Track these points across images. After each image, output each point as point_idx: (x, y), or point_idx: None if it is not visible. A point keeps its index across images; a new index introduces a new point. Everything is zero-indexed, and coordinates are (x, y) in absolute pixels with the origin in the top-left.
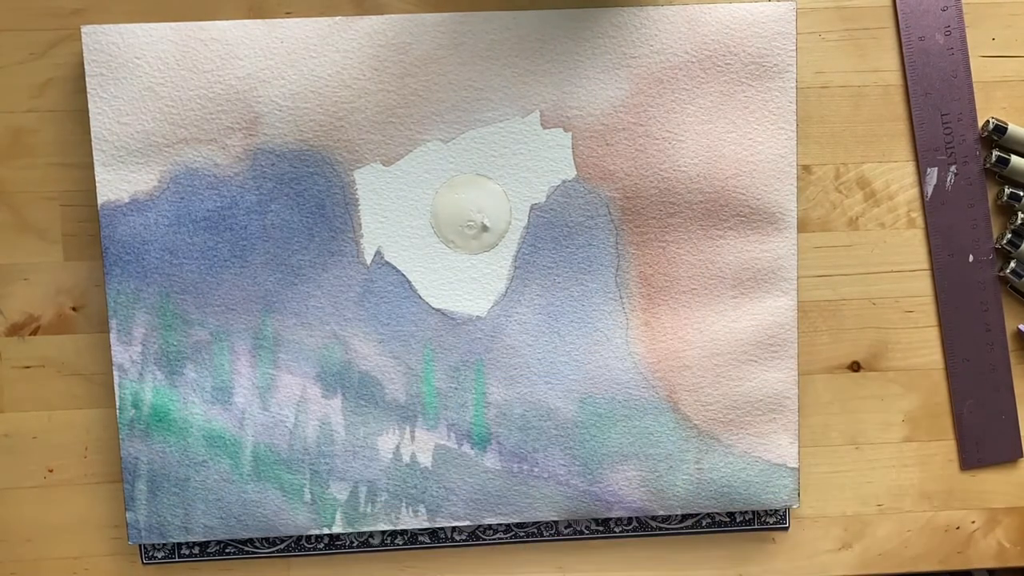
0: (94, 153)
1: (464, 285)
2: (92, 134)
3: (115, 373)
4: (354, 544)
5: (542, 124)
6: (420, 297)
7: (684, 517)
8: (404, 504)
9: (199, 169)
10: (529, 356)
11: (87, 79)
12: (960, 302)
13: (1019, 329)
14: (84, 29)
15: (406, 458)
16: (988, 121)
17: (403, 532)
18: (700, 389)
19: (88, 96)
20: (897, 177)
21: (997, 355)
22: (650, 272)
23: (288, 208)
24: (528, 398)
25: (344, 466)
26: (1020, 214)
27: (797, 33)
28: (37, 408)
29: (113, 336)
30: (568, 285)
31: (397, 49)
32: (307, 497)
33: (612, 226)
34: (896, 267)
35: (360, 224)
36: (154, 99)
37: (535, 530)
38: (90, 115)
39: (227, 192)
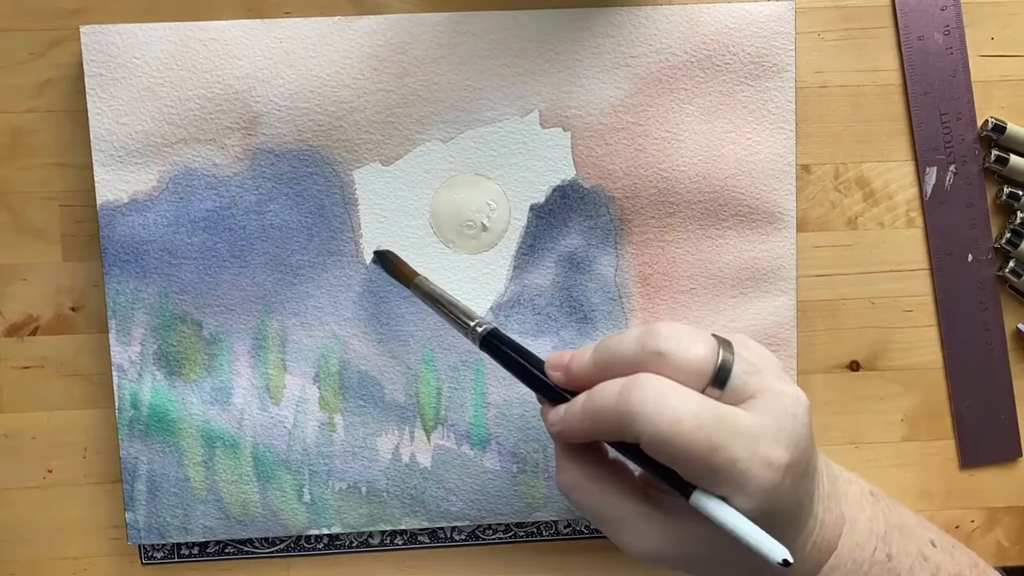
0: (93, 153)
1: (463, 285)
2: (91, 134)
3: (114, 373)
4: (354, 544)
5: (541, 124)
6: None
7: None
8: (404, 504)
9: (198, 169)
10: None
11: (86, 79)
12: (959, 301)
13: (1018, 329)
14: (83, 29)
15: (405, 458)
16: (987, 120)
17: (403, 532)
18: None
19: (87, 96)
20: (896, 177)
21: (996, 355)
22: (649, 272)
23: (287, 208)
24: (528, 398)
25: (343, 466)
26: (1019, 213)
27: (796, 33)
28: (36, 408)
29: (112, 336)
30: (567, 285)
31: (396, 49)
32: (307, 497)
33: (611, 226)
34: (895, 267)
35: (359, 224)
36: (153, 99)
37: (535, 530)
38: (89, 115)
39: (226, 192)
